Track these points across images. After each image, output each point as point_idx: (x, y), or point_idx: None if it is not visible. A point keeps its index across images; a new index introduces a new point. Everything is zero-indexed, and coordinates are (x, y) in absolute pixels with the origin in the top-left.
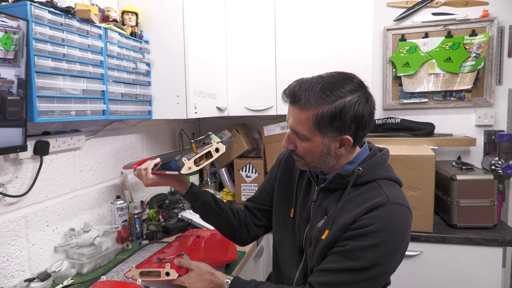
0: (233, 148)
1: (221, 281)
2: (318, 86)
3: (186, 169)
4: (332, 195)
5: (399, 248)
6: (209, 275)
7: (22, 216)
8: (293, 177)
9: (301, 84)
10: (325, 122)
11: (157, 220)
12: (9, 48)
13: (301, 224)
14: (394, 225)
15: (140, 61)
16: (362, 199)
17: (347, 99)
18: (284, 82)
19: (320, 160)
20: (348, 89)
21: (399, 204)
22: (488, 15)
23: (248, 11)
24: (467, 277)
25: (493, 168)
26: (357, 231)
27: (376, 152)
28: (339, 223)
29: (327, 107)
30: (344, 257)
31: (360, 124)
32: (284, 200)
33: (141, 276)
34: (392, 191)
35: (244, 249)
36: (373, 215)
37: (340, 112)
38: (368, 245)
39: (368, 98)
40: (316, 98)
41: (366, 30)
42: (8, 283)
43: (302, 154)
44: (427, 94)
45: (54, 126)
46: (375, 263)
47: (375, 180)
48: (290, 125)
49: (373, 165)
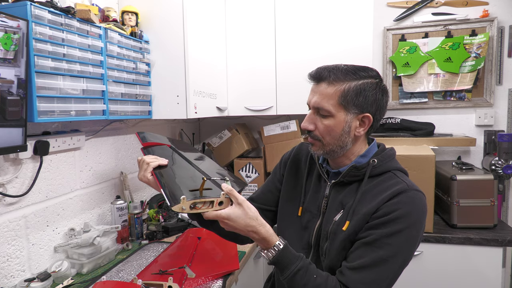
0: (233, 148)
1: (271, 239)
2: (344, 68)
3: (179, 207)
4: (347, 189)
5: (419, 233)
6: (255, 222)
7: (22, 216)
8: (300, 175)
9: (327, 66)
10: (351, 97)
11: (157, 220)
12: (9, 48)
13: (311, 220)
14: (416, 210)
15: (140, 61)
16: (382, 188)
17: (369, 81)
18: (284, 82)
19: (338, 140)
20: (369, 74)
21: (417, 191)
22: (488, 15)
23: (248, 11)
24: (467, 277)
25: (493, 168)
26: (381, 219)
27: (385, 147)
28: (361, 212)
29: (354, 83)
30: (371, 247)
31: (379, 107)
32: (291, 199)
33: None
34: (408, 179)
35: (244, 249)
36: (396, 202)
37: (365, 89)
38: (393, 232)
39: (385, 88)
40: (344, 75)
41: (366, 30)
42: (8, 283)
43: (321, 134)
44: (427, 94)
45: (54, 126)
46: (400, 248)
47: (390, 170)
48: (314, 103)
49: (386, 157)
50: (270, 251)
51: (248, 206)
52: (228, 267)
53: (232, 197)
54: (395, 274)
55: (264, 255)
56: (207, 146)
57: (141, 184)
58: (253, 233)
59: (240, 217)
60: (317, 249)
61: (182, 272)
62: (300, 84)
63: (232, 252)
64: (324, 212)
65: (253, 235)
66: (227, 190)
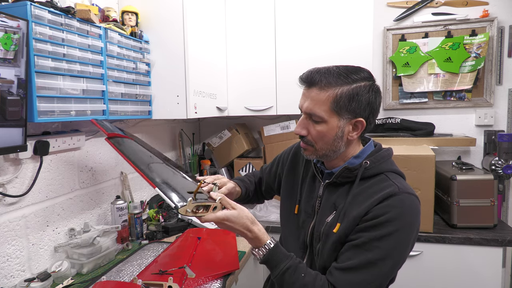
0: (233, 148)
1: (262, 239)
2: (336, 71)
3: (184, 210)
4: (340, 190)
5: (411, 236)
6: (249, 222)
7: (22, 216)
8: (298, 174)
9: (318, 70)
10: (344, 103)
11: (157, 220)
12: (9, 48)
13: (306, 220)
14: (406, 214)
15: (140, 61)
16: (372, 190)
17: (362, 84)
18: (284, 82)
19: (331, 145)
20: (361, 76)
21: (409, 194)
22: (488, 15)
23: (248, 11)
24: (467, 277)
25: (493, 168)
26: (371, 222)
27: (381, 147)
28: (351, 215)
29: (346, 87)
30: (360, 249)
31: (372, 109)
32: (289, 196)
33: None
34: (400, 182)
35: (244, 249)
36: (385, 205)
37: (357, 94)
38: (383, 235)
39: (378, 89)
40: (335, 79)
41: (366, 29)
42: (8, 283)
43: (314, 140)
44: (427, 94)
45: (54, 126)
46: (390, 252)
47: (383, 172)
48: (306, 108)
49: (380, 159)
50: (261, 250)
51: (241, 208)
52: (228, 267)
53: (226, 203)
54: (384, 277)
55: (255, 254)
56: (207, 146)
57: (141, 184)
58: (247, 232)
59: (237, 217)
60: (311, 250)
61: (182, 272)
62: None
63: (232, 252)
64: (317, 212)
65: (247, 234)
66: (221, 197)
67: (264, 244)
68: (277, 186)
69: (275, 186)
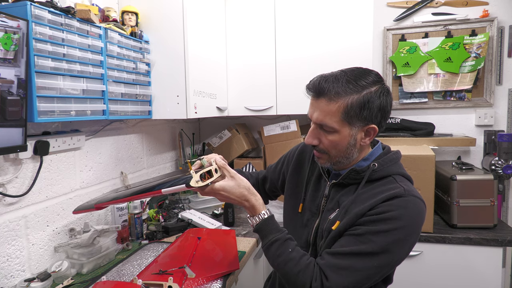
0: (233, 148)
1: (258, 208)
2: (344, 78)
3: (194, 182)
4: (346, 189)
5: (409, 238)
6: (247, 192)
7: (22, 216)
8: (303, 173)
9: (326, 78)
10: (355, 112)
11: (157, 220)
12: (9, 48)
13: (311, 218)
14: (408, 215)
15: (140, 61)
16: (378, 190)
17: (372, 89)
18: (284, 83)
19: (345, 153)
20: (370, 80)
21: (415, 196)
22: (488, 15)
23: (248, 10)
24: (467, 277)
25: (493, 168)
26: (372, 217)
27: (389, 150)
28: (353, 212)
29: (356, 96)
30: (355, 240)
31: (384, 113)
32: (293, 195)
33: None
34: (408, 185)
35: (244, 249)
36: (389, 204)
37: (368, 101)
38: (380, 230)
39: (388, 89)
40: (344, 89)
41: (366, 29)
42: (8, 283)
43: (327, 149)
44: (427, 94)
45: (54, 126)
46: (384, 249)
47: (390, 175)
48: (316, 119)
49: (388, 161)
50: (255, 218)
51: (240, 177)
52: (228, 267)
53: (225, 171)
54: (374, 270)
55: (250, 221)
56: (207, 146)
57: None
58: (245, 201)
59: (234, 187)
60: (315, 248)
61: (182, 272)
62: (300, 83)
63: (232, 252)
64: (322, 211)
65: (244, 203)
66: (220, 164)
67: (259, 214)
68: (281, 184)
69: (278, 184)
